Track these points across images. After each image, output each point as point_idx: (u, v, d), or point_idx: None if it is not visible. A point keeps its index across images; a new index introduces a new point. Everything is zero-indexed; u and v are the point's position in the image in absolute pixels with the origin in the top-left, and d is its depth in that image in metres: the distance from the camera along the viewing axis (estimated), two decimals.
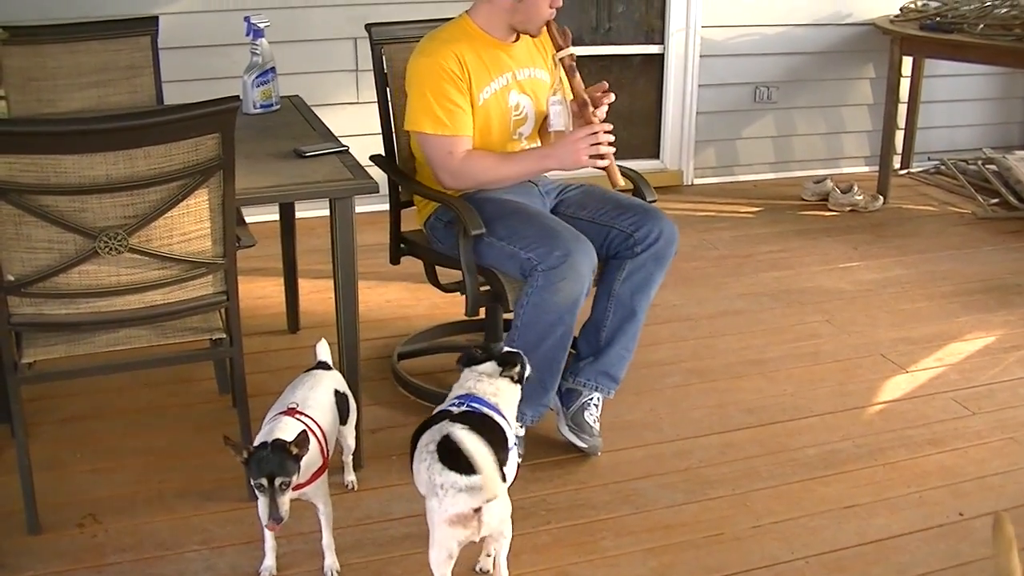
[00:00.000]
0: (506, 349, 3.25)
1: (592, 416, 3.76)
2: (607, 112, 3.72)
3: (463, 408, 3.02)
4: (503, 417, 3.08)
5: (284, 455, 2.80)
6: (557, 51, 3.73)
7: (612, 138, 3.60)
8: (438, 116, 3.63)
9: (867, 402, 4.19)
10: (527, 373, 3.22)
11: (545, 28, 3.72)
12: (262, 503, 2.79)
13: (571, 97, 3.76)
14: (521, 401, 3.40)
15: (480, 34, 3.74)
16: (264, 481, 2.76)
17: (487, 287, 3.74)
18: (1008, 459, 3.80)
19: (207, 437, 3.79)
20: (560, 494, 3.52)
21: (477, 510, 2.73)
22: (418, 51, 3.72)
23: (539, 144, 3.89)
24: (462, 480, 2.71)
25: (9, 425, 3.27)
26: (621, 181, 3.69)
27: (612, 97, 3.71)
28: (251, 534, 3.22)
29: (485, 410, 3.04)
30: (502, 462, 2.87)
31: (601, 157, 3.58)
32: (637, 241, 3.70)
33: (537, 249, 3.52)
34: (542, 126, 3.90)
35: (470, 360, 3.21)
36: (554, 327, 3.53)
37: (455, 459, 2.72)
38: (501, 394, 3.14)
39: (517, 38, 3.80)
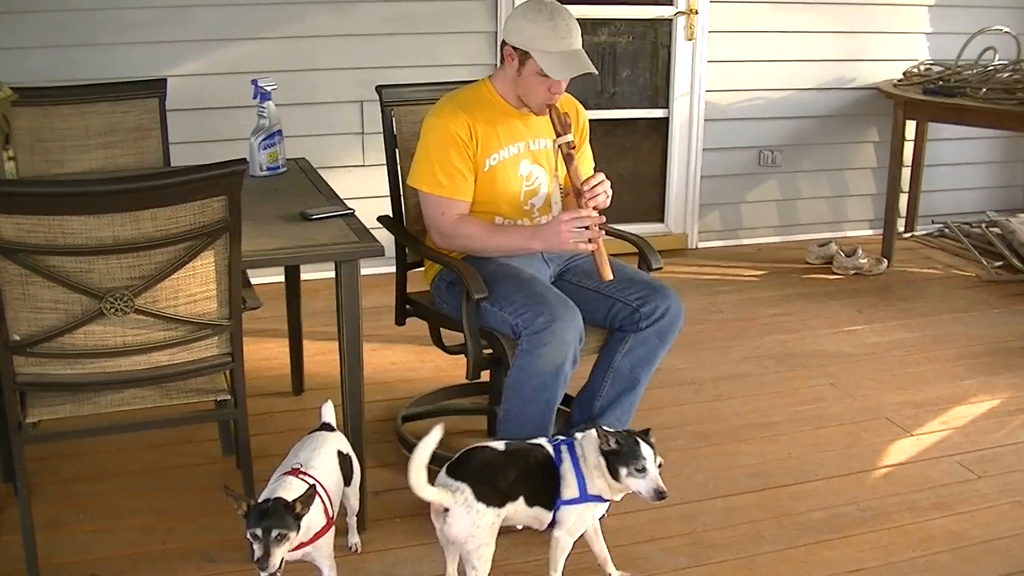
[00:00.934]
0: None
1: None
2: (610, 198, 3.66)
3: (548, 444, 3.29)
4: (577, 471, 3.20)
5: (285, 510, 2.82)
6: (556, 137, 3.69)
7: (601, 219, 3.56)
8: (437, 177, 3.66)
9: (872, 466, 4.18)
10: (615, 447, 3.15)
11: (548, 111, 3.68)
12: (257, 550, 2.79)
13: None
14: None
15: (498, 101, 3.74)
16: (259, 531, 2.77)
17: (491, 350, 3.74)
18: (1014, 523, 3.78)
19: (210, 498, 3.78)
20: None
21: (446, 510, 3.06)
22: (434, 111, 3.74)
23: (552, 215, 3.88)
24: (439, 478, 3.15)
25: (12, 484, 3.27)
26: (609, 275, 3.58)
27: (607, 186, 3.65)
28: None
29: (564, 455, 3.23)
30: (538, 500, 3.19)
31: (589, 241, 3.54)
32: (642, 316, 3.67)
33: (524, 314, 3.51)
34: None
35: None
36: (538, 392, 3.51)
37: (455, 464, 3.18)
38: (588, 452, 3.22)
39: None
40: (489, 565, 3.11)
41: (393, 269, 4.13)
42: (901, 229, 7.08)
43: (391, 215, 4.12)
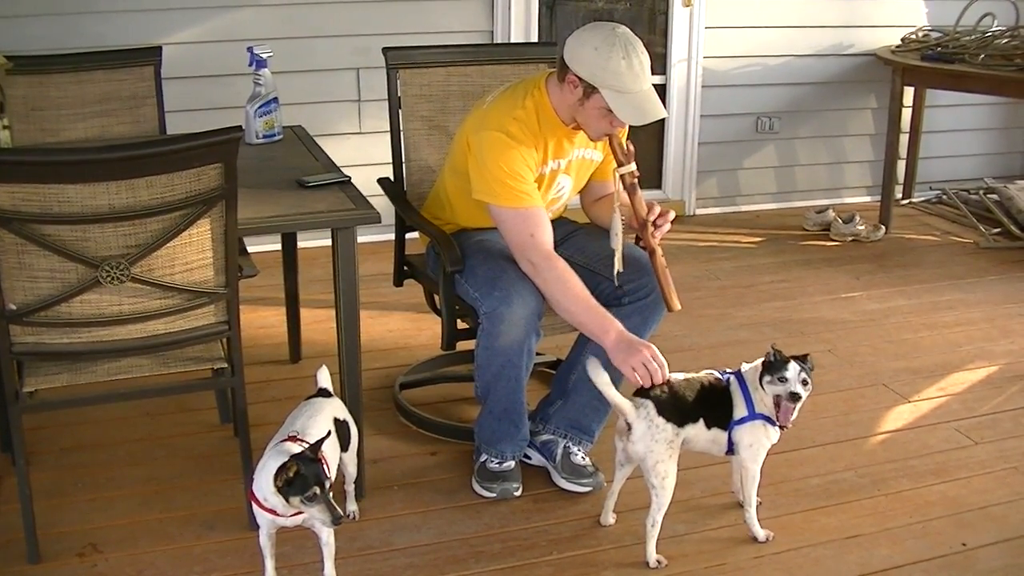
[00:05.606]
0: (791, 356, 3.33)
1: (579, 457, 3.73)
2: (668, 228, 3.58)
3: (714, 375, 3.41)
4: (743, 391, 3.33)
5: (314, 464, 2.87)
6: (618, 167, 3.54)
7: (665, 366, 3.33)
8: (520, 189, 3.46)
9: (869, 432, 4.19)
10: (769, 359, 3.29)
11: (609, 140, 3.53)
12: (320, 510, 2.85)
13: (628, 212, 3.58)
14: (499, 441, 3.64)
15: (551, 115, 3.49)
16: (317, 489, 2.83)
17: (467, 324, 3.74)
18: (1011, 489, 3.78)
19: (208, 467, 3.79)
20: (562, 525, 3.50)
21: (629, 429, 3.26)
22: (502, 128, 3.44)
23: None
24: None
25: (10, 454, 3.27)
26: (676, 304, 3.50)
27: (671, 216, 3.58)
28: (252, 564, 3.21)
29: (732, 380, 3.37)
30: (715, 422, 3.32)
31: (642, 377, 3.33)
32: (625, 293, 3.59)
33: (482, 289, 3.49)
34: (582, 191, 3.84)
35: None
36: (504, 369, 3.49)
37: (641, 389, 3.29)
38: (751, 377, 3.35)
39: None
40: (670, 488, 3.26)
41: (389, 237, 4.12)
42: (899, 196, 7.08)
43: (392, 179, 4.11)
